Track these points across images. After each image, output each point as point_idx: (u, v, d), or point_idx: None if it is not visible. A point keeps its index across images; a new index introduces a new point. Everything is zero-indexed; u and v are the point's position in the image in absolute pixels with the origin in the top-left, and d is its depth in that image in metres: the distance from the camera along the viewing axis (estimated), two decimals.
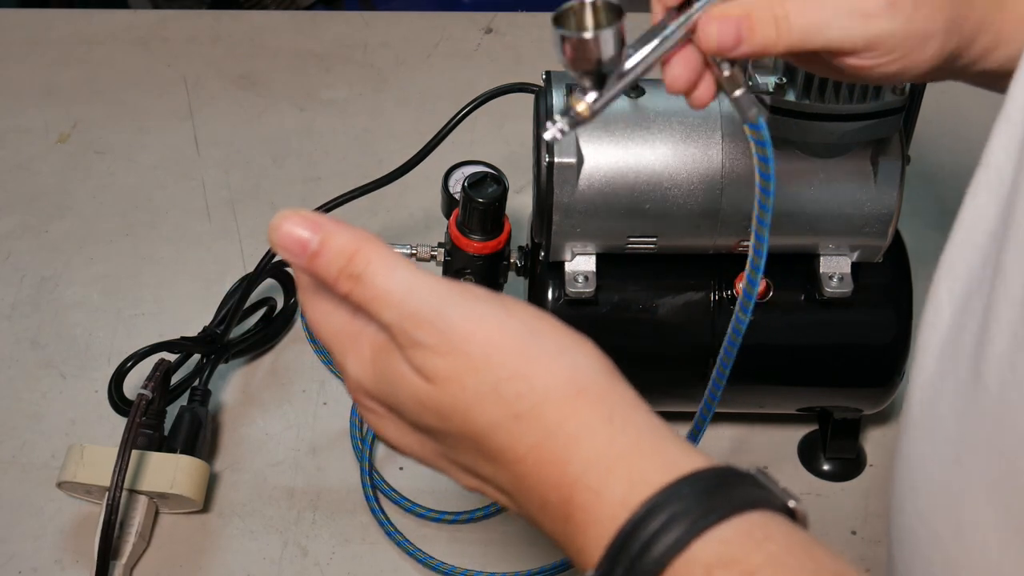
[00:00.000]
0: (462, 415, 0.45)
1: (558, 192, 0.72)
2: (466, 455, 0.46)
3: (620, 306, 0.77)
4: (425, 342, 0.45)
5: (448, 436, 0.46)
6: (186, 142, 1.08)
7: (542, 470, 0.43)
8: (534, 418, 0.44)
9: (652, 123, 0.72)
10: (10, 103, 1.11)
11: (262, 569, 0.79)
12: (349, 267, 0.46)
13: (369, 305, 0.46)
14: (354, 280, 0.46)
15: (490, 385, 0.44)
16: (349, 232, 0.47)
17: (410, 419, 0.47)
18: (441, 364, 0.44)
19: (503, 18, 1.20)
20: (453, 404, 0.45)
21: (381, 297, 0.46)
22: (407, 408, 0.46)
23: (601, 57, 0.50)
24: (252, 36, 1.18)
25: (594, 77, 0.52)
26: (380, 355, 0.47)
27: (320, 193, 0.94)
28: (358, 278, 0.46)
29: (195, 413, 0.83)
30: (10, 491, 0.83)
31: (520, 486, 0.45)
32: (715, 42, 0.52)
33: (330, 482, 0.83)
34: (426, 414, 0.46)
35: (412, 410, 0.46)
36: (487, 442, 0.45)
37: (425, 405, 0.45)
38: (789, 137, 0.71)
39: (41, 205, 1.02)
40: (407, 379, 0.46)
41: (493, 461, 0.45)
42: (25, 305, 0.94)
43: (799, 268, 0.76)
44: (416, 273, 0.46)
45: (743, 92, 0.53)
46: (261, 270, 0.87)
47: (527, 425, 0.44)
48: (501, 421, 0.44)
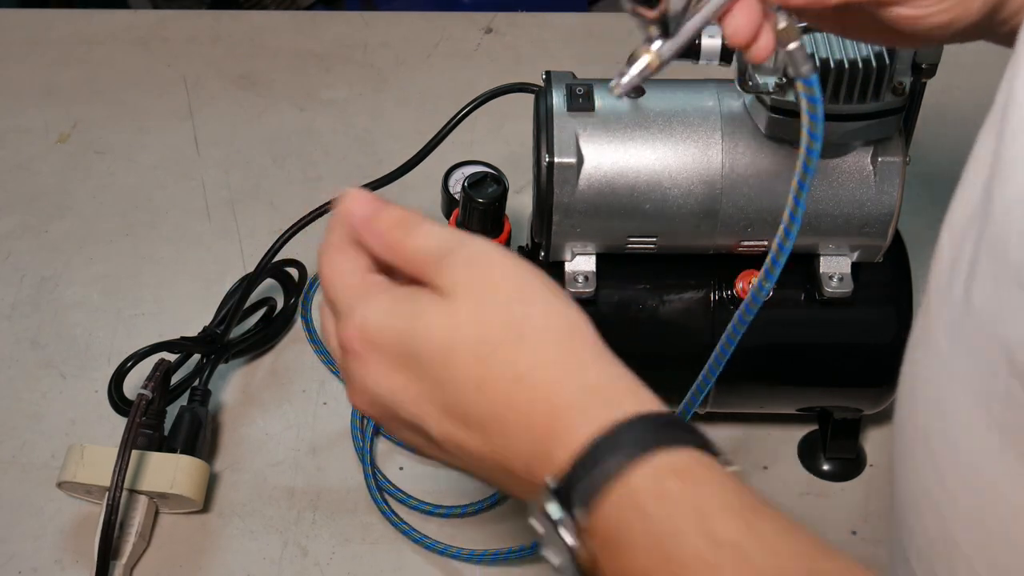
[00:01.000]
0: (475, 323, 0.46)
1: (558, 192, 0.72)
2: (448, 389, 0.47)
3: (620, 306, 0.77)
4: (456, 260, 0.48)
5: (447, 361, 0.47)
6: (186, 142, 1.08)
7: (535, 389, 0.46)
8: (529, 345, 0.46)
9: (652, 123, 0.72)
10: (10, 103, 1.11)
11: (262, 569, 0.79)
12: (396, 231, 0.50)
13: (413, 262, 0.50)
14: (405, 229, 0.50)
15: (503, 304, 0.47)
16: (394, 207, 0.52)
17: (413, 351, 0.48)
18: (463, 275, 0.48)
19: (503, 18, 1.20)
20: (469, 313, 0.47)
21: (425, 235, 0.50)
22: (417, 335, 0.48)
23: (669, 3, 0.50)
24: (252, 36, 1.18)
25: (660, 24, 0.51)
26: (402, 298, 0.49)
27: (320, 193, 0.94)
28: (399, 247, 0.50)
29: (195, 413, 0.83)
30: (10, 491, 0.83)
31: (504, 407, 0.46)
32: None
33: (330, 482, 0.83)
34: (436, 332, 0.47)
35: (421, 334, 0.47)
36: (489, 362, 0.46)
37: (447, 317, 0.47)
38: (789, 137, 0.71)
39: (41, 205, 1.02)
40: (428, 304, 0.48)
41: (479, 386, 0.46)
42: (25, 305, 0.94)
43: (799, 268, 0.76)
44: (445, 232, 0.51)
45: (798, 45, 0.52)
46: (261, 270, 0.87)
47: (524, 348, 0.46)
48: (507, 337, 0.46)
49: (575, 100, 0.72)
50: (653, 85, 0.74)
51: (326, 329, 0.53)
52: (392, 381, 0.48)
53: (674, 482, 0.42)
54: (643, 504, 0.42)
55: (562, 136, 0.71)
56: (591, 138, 0.72)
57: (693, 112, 0.72)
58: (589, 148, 0.71)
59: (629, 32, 1.23)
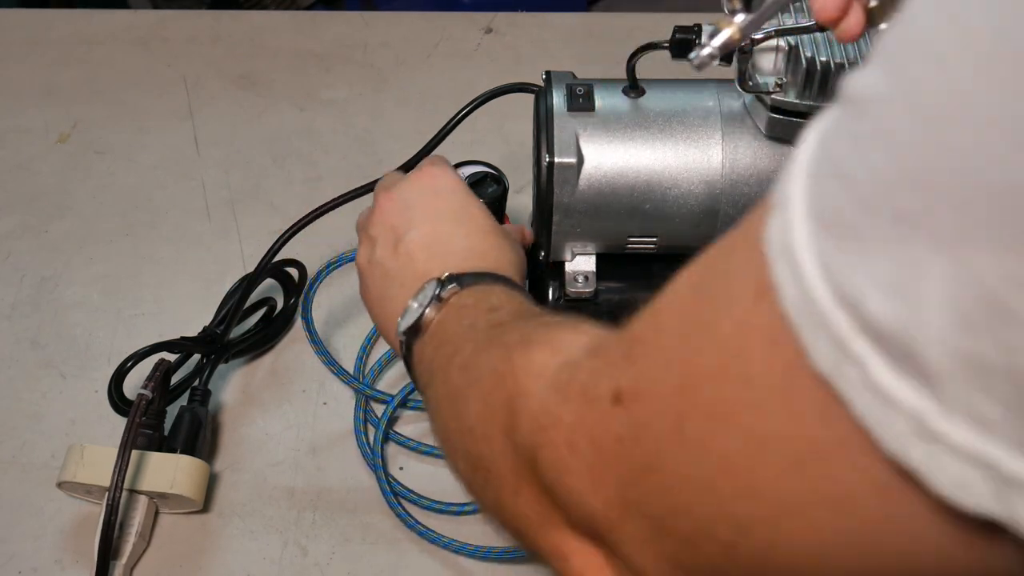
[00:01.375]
0: (447, 209, 0.68)
1: (558, 191, 0.72)
2: (407, 230, 0.66)
3: (620, 306, 0.77)
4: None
5: (420, 218, 0.66)
6: (186, 142, 1.08)
7: (475, 252, 0.65)
8: (470, 231, 0.66)
9: (652, 123, 0.72)
10: (10, 103, 1.11)
11: (262, 569, 0.79)
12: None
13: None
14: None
15: (463, 204, 0.68)
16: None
17: (411, 205, 0.68)
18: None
19: (503, 18, 1.20)
20: (447, 203, 0.68)
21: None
22: (420, 202, 0.68)
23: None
24: (252, 36, 1.18)
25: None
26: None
27: (320, 193, 0.94)
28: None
29: (195, 413, 0.83)
30: (10, 491, 0.83)
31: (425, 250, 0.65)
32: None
33: (330, 482, 0.83)
34: (427, 206, 0.68)
35: (424, 203, 0.68)
36: (437, 229, 0.66)
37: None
38: (789, 137, 0.71)
39: (41, 205, 1.02)
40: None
41: (425, 237, 0.66)
42: (25, 305, 0.94)
43: None
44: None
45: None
46: (261, 270, 0.87)
47: (465, 229, 0.67)
48: (455, 221, 0.67)
49: (575, 100, 0.72)
50: (653, 85, 0.74)
51: (392, 174, 0.73)
52: (426, 199, 0.67)
53: (516, 293, 0.60)
54: (490, 289, 0.60)
55: (562, 136, 0.71)
56: (591, 138, 0.72)
57: (693, 112, 0.72)
58: (589, 148, 0.71)
59: (629, 32, 1.23)
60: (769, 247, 0.33)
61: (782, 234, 0.32)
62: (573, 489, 0.42)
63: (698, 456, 0.36)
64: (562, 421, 0.42)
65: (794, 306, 0.31)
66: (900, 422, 0.29)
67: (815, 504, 0.33)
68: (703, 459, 0.36)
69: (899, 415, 0.29)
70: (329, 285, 0.92)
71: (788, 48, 0.68)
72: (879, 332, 0.29)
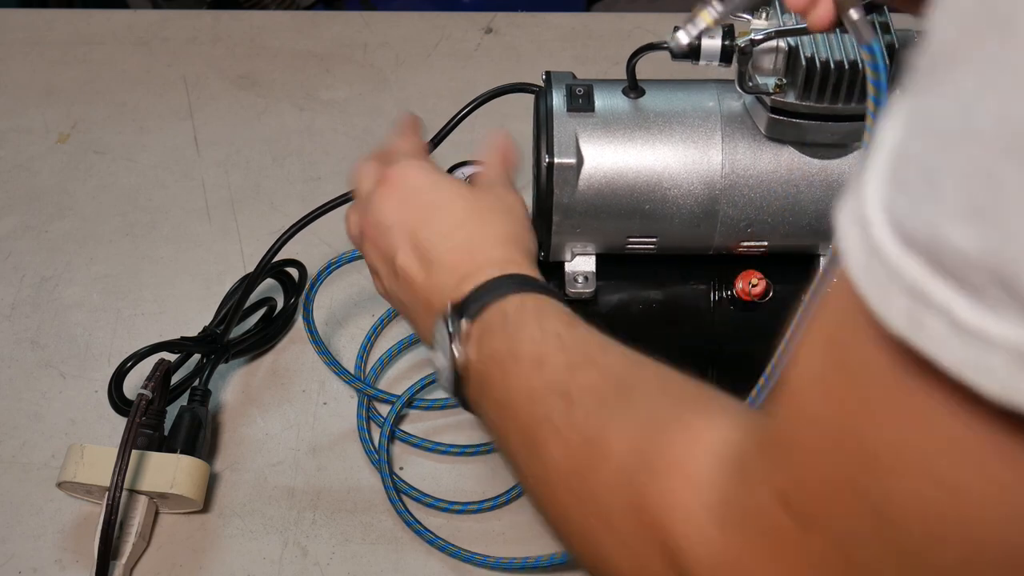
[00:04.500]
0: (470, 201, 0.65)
1: (558, 192, 0.72)
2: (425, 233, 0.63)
3: (620, 306, 0.77)
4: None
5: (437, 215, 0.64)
6: (186, 142, 1.08)
7: (474, 250, 0.62)
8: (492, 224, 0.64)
9: (652, 124, 0.72)
10: (10, 103, 1.11)
11: (262, 569, 0.79)
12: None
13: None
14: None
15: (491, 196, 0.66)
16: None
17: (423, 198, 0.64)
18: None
19: (503, 18, 1.20)
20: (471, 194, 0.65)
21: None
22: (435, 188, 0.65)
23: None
24: (252, 36, 1.18)
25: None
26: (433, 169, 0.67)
27: (320, 193, 0.94)
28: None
29: (195, 413, 0.83)
30: (10, 491, 0.83)
31: (449, 255, 0.61)
32: None
33: (330, 482, 0.83)
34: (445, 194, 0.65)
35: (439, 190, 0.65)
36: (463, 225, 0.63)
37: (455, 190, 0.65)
38: (789, 137, 0.71)
39: (41, 205, 1.02)
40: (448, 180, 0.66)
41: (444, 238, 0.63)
42: (25, 305, 0.94)
43: (799, 268, 0.76)
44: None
45: (859, 13, 0.52)
46: (261, 270, 0.87)
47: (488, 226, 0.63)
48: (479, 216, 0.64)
49: (575, 100, 0.72)
50: (653, 85, 0.74)
51: (363, 173, 0.67)
52: (397, 213, 0.63)
53: (529, 302, 0.57)
54: (506, 310, 0.57)
55: (562, 136, 0.71)
56: (591, 138, 0.72)
57: (693, 112, 0.72)
58: (589, 148, 0.71)
59: (629, 32, 1.23)
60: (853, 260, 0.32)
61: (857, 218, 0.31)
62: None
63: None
64: (742, 563, 0.39)
65: (865, 278, 0.31)
66: (1003, 363, 0.28)
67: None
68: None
69: (1001, 354, 0.28)
70: (329, 285, 0.92)
71: (788, 49, 0.68)
72: (963, 265, 0.28)
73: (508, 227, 0.64)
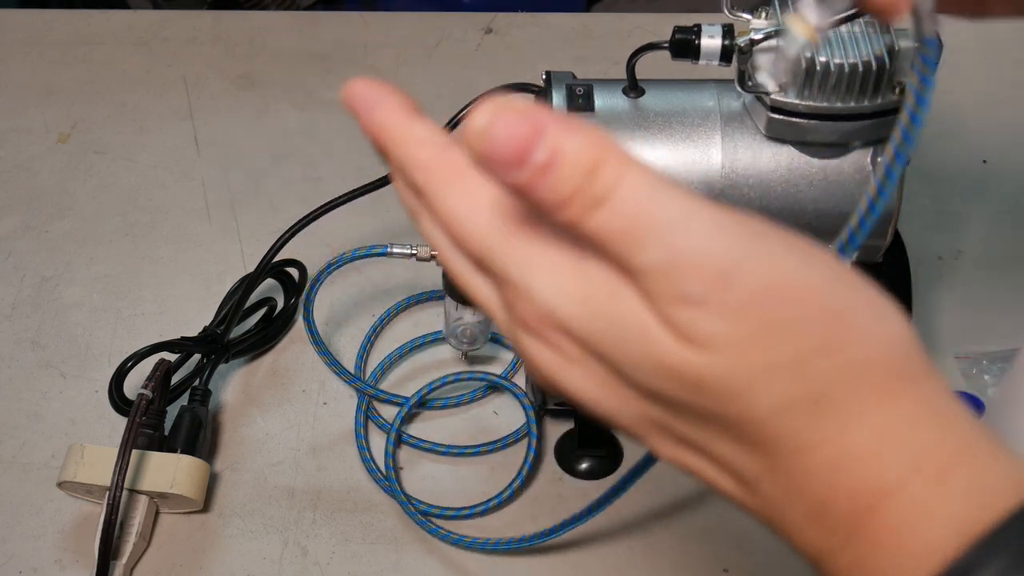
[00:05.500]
0: (734, 393, 0.34)
1: None
2: (702, 432, 0.36)
3: None
4: (701, 297, 0.33)
5: (689, 409, 0.35)
6: (186, 142, 1.08)
7: (834, 469, 0.34)
8: (840, 403, 0.34)
9: (652, 123, 0.72)
10: (10, 103, 1.11)
11: (262, 569, 0.79)
12: (590, 186, 0.33)
13: (614, 240, 0.33)
14: (596, 205, 0.33)
15: (789, 358, 0.33)
16: (583, 130, 0.33)
17: (630, 377, 0.35)
18: (721, 328, 0.33)
19: (503, 18, 1.20)
20: (725, 378, 0.34)
21: (638, 230, 0.33)
22: (634, 368, 0.35)
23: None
24: (252, 36, 1.18)
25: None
26: (600, 296, 0.35)
27: (320, 193, 0.94)
28: (602, 202, 0.33)
29: (195, 413, 0.83)
30: (10, 491, 0.83)
31: (787, 483, 0.34)
32: None
33: (330, 482, 0.83)
34: (669, 382, 0.34)
35: (643, 373, 0.35)
36: (759, 427, 0.34)
37: (674, 373, 0.34)
38: (789, 137, 0.71)
39: (41, 205, 1.02)
40: (651, 337, 0.34)
41: (753, 448, 0.35)
42: (25, 305, 0.94)
43: None
44: (688, 196, 0.34)
45: (931, 1, 0.44)
46: (261, 270, 0.87)
47: (827, 412, 0.34)
48: (792, 404, 0.34)
49: (575, 100, 0.72)
50: (653, 85, 0.74)
51: (457, 273, 0.39)
52: (606, 395, 0.37)
53: None
54: None
55: None
56: None
57: (693, 112, 0.72)
58: None
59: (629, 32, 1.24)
60: None
61: None
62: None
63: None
64: None
65: None
66: None
67: None
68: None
69: None
70: (329, 285, 0.92)
71: None
72: None
73: (846, 337, 0.35)
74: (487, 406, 0.88)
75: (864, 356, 0.34)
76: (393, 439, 0.84)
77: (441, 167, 0.37)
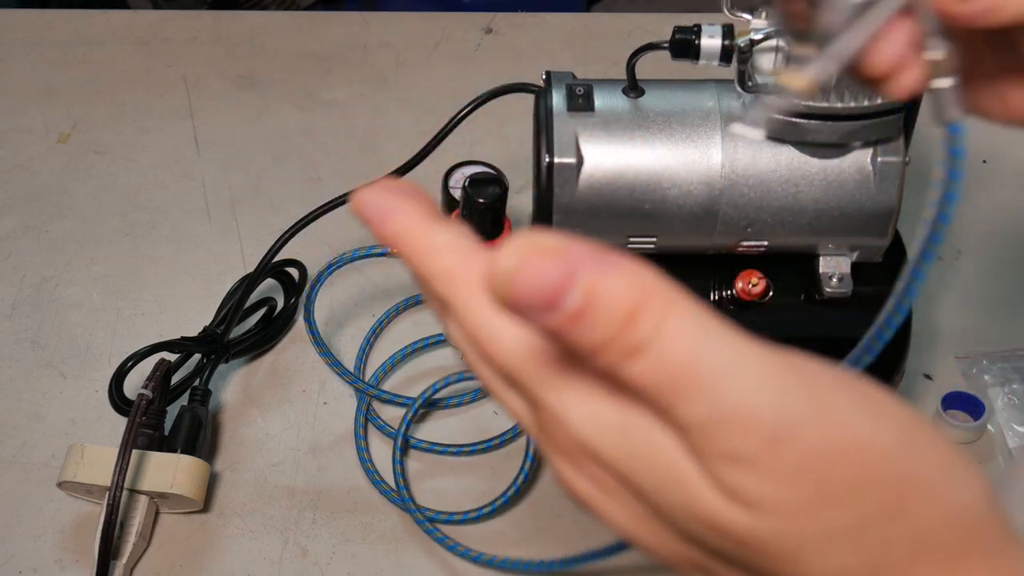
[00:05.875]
0: (784, 556, 0.31)
1: (558, 192, 0.72)
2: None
3: None
4: (752, 457, 0.30)
5: (733, 559, 0.33)
6: (186, 142, 1.08)
7: None
8: (901, 573, 0.32)
9: (652, 123, 0.72)
10: (10, 103, 1.11)
11: (262, 569, 0.79)
12: (628, 333, 0.30)
13: (655, 391, 0.31)
14: (634, 353, 0.31)
15: (847, 525, 0.31)
16: (621, 269, 0.31)
17: (669, 519, 0.33)
18: (772, 491, 0.30)
19: (503, 18, 1.20)
20: (775, 541, 0.31)
21: (681, 381, 0.30)
22: (673, 514, 0.33)
23: (825, 15, 0.39)
24: (252, 36, 1.18)
25: (811, 39, 0.40)
26: (639, 435, 0.33)
27: (320, 193, 0.94)
28: (641, 350, 0.30)
29: (195, 413, 0.83)
30: (10, 491, 0.83)
31: None
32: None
33: (330, 482, 0.83)
34: (711, 534, 0.32)
35: (684, 521, 0.33)
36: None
37: (718, 528, 0.32)
38: (789, 138, 0.71)
39: (41, 205, 1.02)
40: (694, 489, 0.32)
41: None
42: (25, 305, 0.94)
43: (799, 268, 0.76)
44: (737, 340, 0.32)
45: (952, 83, 0.40)
46: (261, 270, 0.87)
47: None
48: (846, 573, 0.31)
49: (575, 100, 0.72)
50: (653, 85, 0.74)
51: (488, 384, 0.36)
52: (648, 533, 0.34)
53: None
54: None
55: (562, 136, 0.71)
56: (591, 138, 0.72)
57: (693, 112, 0.72)
58: (589, 148, 0.71)
59: (629, 32, 1.24)
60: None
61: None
62: None
63: None
64: None
65: None
66: None
67: None
68: None
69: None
70: (329, 285, 0.92)
71: (788, 48, 0.68)
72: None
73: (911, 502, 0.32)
74: (487, 406, 0.88)
75: (928, 527, 0.31)
76: (400, 445, 0.83)
77: (466, 277, 0.34)
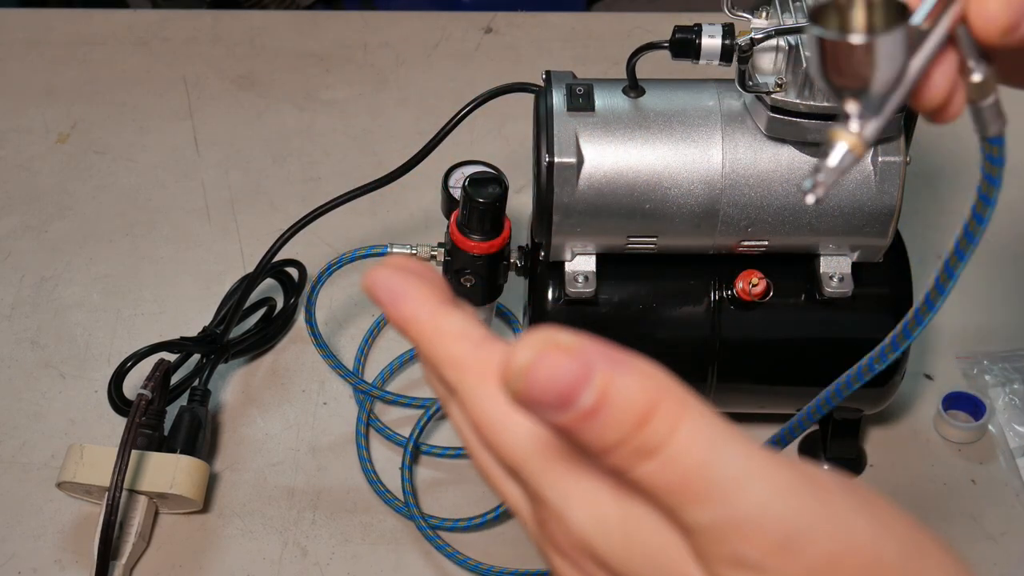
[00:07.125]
0: None
1: (558, 191, 0.72)
2: None
3: (620, 306, 0.77)
4: (759, 564, 0.31)
5: None
6: (186, 142, 1.08)
7: None
8: None
9: (652, 123, 0.72)
10: (10, 103, 1.11)
11: (262, 569, 0.79)
12: (640, 435, 0.31)
13: (665, 493, 0.31)
14: (646, 455, 0.31)
15: None
16: (634, 369, 0.31)
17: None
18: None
19: (503, 18, 1.20)
20: None
21: (692, 486, 0.31)
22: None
23: (874, 71, 0.38)
24: (252, 36, 1.18)
25: (860, 97, 0.39)
26: (643, 537, 0.33)
27: (320, 193, 0.94)
28: (653, 452, 0.31)
29: (195, 413, 0.83)
30: (10, 491, 0.83)
31: None
32: (1003, 21, 0.38)
33: (330, 482, 0.83)
34: None
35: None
36: None
37: None
38: (789, 137, 0.71)
39: (41, 205, 1.02)
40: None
41: None
42: (25, 305, 0.94)
43: (799, 268, 0.76)
44: (749, 448, 0.32)
45: (993, 100, 0.42)
46: (261, 270, 0.87)
47: None
48: None
49: (575, 100, 0.72)
50: (653, 85, 0.74)
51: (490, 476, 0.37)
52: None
53: None
54: None
55: (562, 136, 0.71)
56: (591, 138, 0.72)
57: (693, 112, 0.72)
58: (589, 148, 0.71)
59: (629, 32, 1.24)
60: None
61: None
62: None
63: None
64: None
65: None
66: None
67: None
68: None
69: None
70: (330, 285, 0.92)
71: (788, 48, 0.68)
72: None
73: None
74: None
75: None
76: (411, 450, 0.83)
77: (475, 366, 0.34)
